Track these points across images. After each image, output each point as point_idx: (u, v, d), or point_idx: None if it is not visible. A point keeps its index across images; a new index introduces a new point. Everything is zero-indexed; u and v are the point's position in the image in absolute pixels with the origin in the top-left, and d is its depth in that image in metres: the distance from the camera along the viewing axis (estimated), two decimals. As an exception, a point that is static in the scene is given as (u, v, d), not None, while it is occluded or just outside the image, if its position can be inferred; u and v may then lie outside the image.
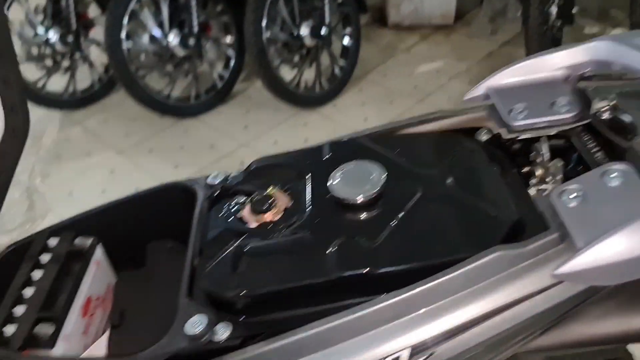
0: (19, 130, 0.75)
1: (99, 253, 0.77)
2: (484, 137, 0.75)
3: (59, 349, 0.65)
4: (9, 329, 0.65)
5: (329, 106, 2.61)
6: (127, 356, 0.61)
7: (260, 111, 2.59)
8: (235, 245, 0.66)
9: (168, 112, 2.55)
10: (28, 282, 0.70)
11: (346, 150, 0.74)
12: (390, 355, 0.55)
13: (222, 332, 0.59)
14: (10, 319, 0.66)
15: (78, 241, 0.75)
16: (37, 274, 0.71)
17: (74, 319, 0.69)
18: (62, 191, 2.14)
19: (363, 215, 0.64)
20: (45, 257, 0.73)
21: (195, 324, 0.60)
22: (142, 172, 2.29)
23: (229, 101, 2.66)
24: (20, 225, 0.80)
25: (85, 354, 0.69)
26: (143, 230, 0.84)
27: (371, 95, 2.68)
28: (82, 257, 0.74)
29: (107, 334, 0.73)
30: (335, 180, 0.67)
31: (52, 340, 0.65)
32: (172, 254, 0.84)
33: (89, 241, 0.75)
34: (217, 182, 0.77)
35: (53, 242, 0.75)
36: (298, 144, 2.41)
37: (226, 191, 0.75)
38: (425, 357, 0.55)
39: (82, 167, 2.33)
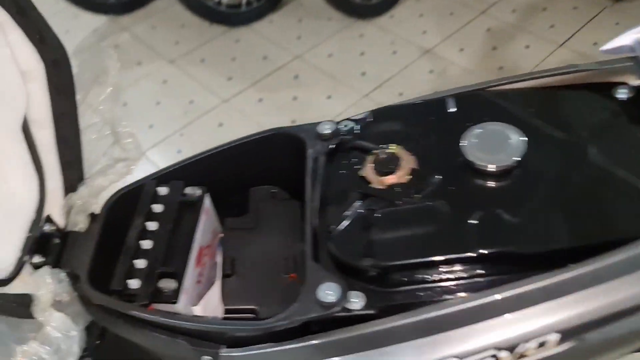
0: (59, 61, 0.70)
1: (207, 202, 0.75)
2: (623, 94, 0.69)
3: (180, 303, 0.66)
4: (133, 283, 0.65)
5: (385, 17, 2.47)
6: (261, 320, 0.60)
7: (313, 21, 2.47)
8: (361, 208, 0.63)
9: (218, 19, 2.44)
10: (144, 234, 0.69)
11: (474, 105, 0.69)
12: (537, 337, 0.54)
13: (356, 301, 0.58)
14: (132, 272, 0.66)
15: (188, 190, 0.73)
16: (151, 225, 0.70)
17: (190, 271, 0.69)
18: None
19: (503, 185, 0.61)
20: (157, 207, 0.71)
21: (328, 292, 0.58)
22: (196, 84, 2.24)
23: (281, 9, 2.53)
24: (113, 166, 0.78)
25: (201, 304, 0.70)
26: (245, 176, 0.82)
27: (430, 5, 2.52)
28: (193, 207, 0.73)
29: (218, 283, 0.73)
30: (469, 143, 0.63)
31: (175, 295, 0.65)
32: (275, 200, 0.82)
33: (198, 191, 0.74)
34: (327, 131, 0.73)
35: (163, 190, 0.73)
36: (354, 58, 2.30)
37: (342, 145, 0.71)
38: (574, 343, 0.54)
39: (134, 76, 2.28)
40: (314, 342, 0.59)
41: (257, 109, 2.11)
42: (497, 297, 0.54)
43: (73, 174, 0.76)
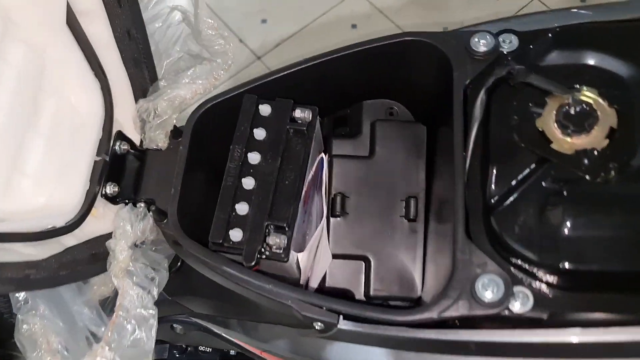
0: None
1: (317, 125, 0.60)
2: None
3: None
4: (236, 235, 0.53)
5: None
6: (398, 308, 0.49)
7: None
8: (538, 176, 0.49)
9: None
10: (245, 169, 0.56)
11: None
12: None
13: (521, 303, 0.46)
14: (233, 220, 0.54)
15: (298, 113, 0.57)
16: (253, 158, 0.56)
17: (298, 216, 0.56)
18: None
19: None
20: (259, 134, 0.56)
21: (489, 287, 0.47)
22: None
23: None
24: (194, 67, 0.61)
25: (307, 250, 0.58)
26: (359, 87, 0.65)
27: None
28: (303, 136, 0.58)
29: (325, 223, 0.61)
30: None
31: (286, 253, 0.53)
32: (395, 119, 0.67)
33: (309, 113, 0.58)
34: (483, 48, 0.55)
35: (265, 110, 0.57)
36: None
37: (510, 77, 0.53)
38: None
39: None
40: (457, 337, 0.49)
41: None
42: None
43: (142, 75, 0.60)
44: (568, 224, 0.46)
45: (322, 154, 0.63)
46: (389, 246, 0.62)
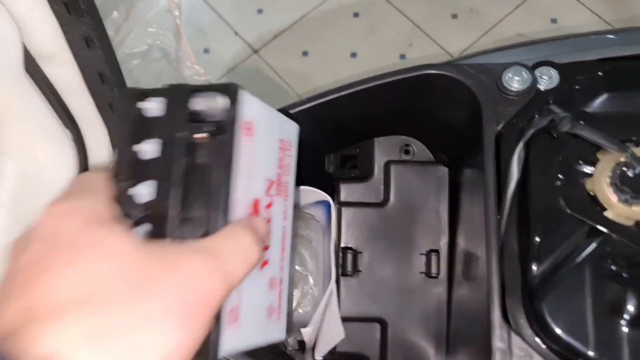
0: None
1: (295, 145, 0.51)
2: None
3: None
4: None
5: None
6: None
7: None
8: (593, 252, 0.41)
9: None
10: (134, 213, 0.43)
11: None
12: None
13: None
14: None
15: (199, 104, 0.47)
16: (143, 192, 0.41)
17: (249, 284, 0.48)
18: None
19: None
20: (149, 150, 0.34)
21: (532, 388, 0.39)
22: None
23: None
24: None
25: (312, 324, 0.51)
26: (371, 122, 0.57)
27: None
28: (217, 143, 0.40)
29: (332, 286, 0.53)
30: None
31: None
32: (411, 160, 0.58)
33: (222, 99, 0.48)
34: (518, 87, 0.46)
35: (153, 108, 0.48)
36: None
37: (552, 125, 0.45)
38: None
39: None
40: None
41: None
42: None
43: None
44: (631, 315, 0.38)
45: (330, 200, 0.55)
46: (407, 307, 0.55)
